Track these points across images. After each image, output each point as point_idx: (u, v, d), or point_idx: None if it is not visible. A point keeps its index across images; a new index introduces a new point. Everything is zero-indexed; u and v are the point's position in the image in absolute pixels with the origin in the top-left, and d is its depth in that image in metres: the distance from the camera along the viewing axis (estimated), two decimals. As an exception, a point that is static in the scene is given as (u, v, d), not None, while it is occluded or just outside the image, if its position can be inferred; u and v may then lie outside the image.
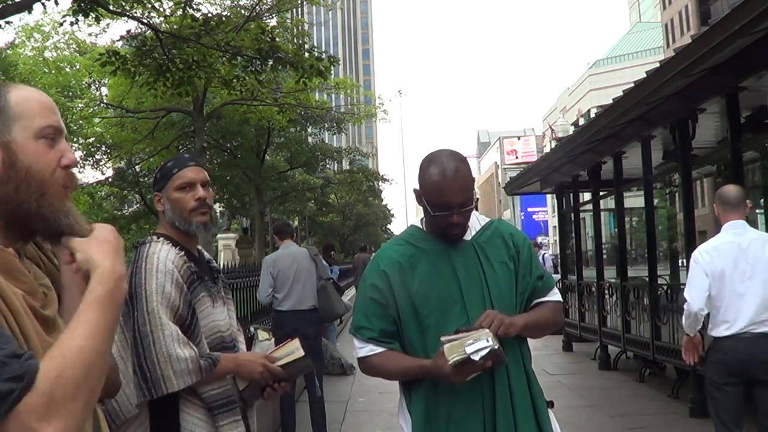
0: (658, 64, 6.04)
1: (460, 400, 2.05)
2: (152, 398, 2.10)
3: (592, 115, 9.33)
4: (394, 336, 2.14)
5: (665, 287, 7.77)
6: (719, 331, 3.96)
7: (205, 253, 2.48)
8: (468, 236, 2.18)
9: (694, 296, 4.06)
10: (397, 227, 63.67)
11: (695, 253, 4.13)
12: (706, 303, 4.00)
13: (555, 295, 2.25)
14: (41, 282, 1.18)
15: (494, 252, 2.18)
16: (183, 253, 2.24)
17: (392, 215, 61.37)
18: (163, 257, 2.18)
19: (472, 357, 1.90)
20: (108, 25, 19.39)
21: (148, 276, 2.14)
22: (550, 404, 2.21)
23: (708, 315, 4.03)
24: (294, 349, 2.35)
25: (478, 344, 1.91)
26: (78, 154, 25.43)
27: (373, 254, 2.48)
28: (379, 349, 2.14)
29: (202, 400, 2.16)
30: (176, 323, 2.13)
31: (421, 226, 2.27)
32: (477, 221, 2.23)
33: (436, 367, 1.97)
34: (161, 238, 2.26)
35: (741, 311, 3.87)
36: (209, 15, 13.46)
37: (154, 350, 2.07)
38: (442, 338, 1.98)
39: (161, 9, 14.16)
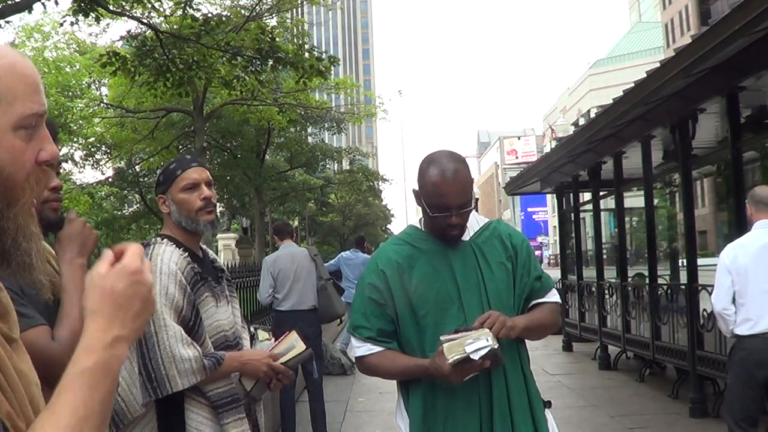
0: (658, 64, 6.04)
1: (457, 399, 2.06)
2: (157, 398, 2.13)
3: (592, 115, 9.32)
4: (392, 335, 2.15)
5: (665, 287, 7.77)
6: (743, 329, 3.91)
7: (210, 253, 2.52)
8: (466, 237, 2.19)
9: (715, 296, 4.05)
10: (397, 227, 63.64)
11: (721, 253, 4.10)
12: (730, 301, 3.96)
13: (554, 297, 2.25)
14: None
15: (492, 252, 2.18)
16: (187, 254, 2.28)
17: (392, 215, 61.30)
18: (167, 259, 2.21)
19: (471, 356, 1.90)
20: (108, 25, 19.38)
21: (152, 278, 2.15)
22: (548, 404, 2.21)
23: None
24: (294, 343, 2.41)
25: (478, 344, 1.91)
26: (78, 154, 25.46)
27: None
28: (378, 349, 2.14)
29: (207, 398, 2.20)
30: (180, 324, 2.17)
31: (419, 227, 2.27)
32: (475, 222, 2.24)
33: (434, 367, 1.97)
34: (165, 240, 2.30)
35: (765, 309, 3.83)
36: (209, 15, 13.46)
37: (159, 351, 2.11)
38: (442, 337, 1.98)
39: (161, 9, 14.14)
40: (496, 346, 1.92)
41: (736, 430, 3.99)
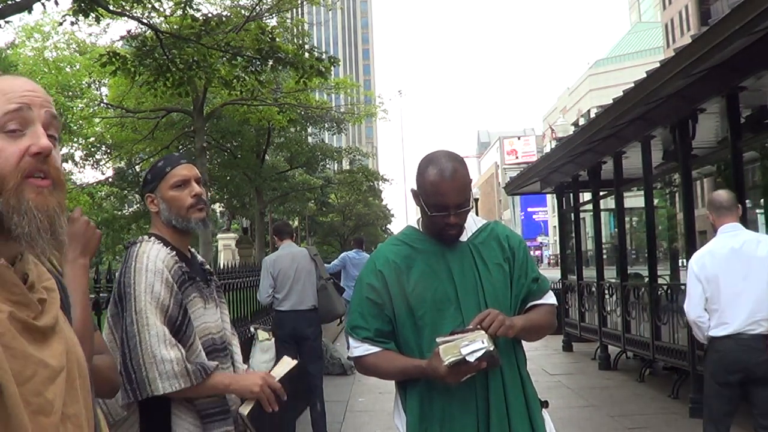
0: (658, 64, 6.04)
1: (454, 400, 2.06)
2: (137, 400, 2.05)
3: (592, 115, 9.33)
4: (390, 336, 2.15)
5: (665, 287, 7.77)
6: (716, 331, 3.97)
7: (198, 256, 2.45)
8: (464, 237, 2.19)
9: (688, 304, 4.11)
10: (396, 227, 63.67)
11: (690, 261, 4.15)
12: (703, 309, 4.02)
13: (550, 298, 2.25)
14: (44, 285, 1.11)
15: (489, 253, 2.18)
16: (174, 253, 2.20)
17: (392, 215, 61.28)
18: (153, 256, 2.14)
19: (467, 358, 1.90)
20: (108, 25, 19.40)
21: (138, 276, 2.10)
22: (545, 404, 2.22)
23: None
24: (287, 363, 2.33)
25: (474, 345, 1.91)
26: (78, 154, 25.46)
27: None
28: (375, 349, 2.14)
29: (195, 405, 2.12)
30: (167, 323, 2.08)
31: (417, 227, 2.27)
32: (473, 222, 2.24)
33: (431, 368, 1.98)
34: (152, 238, 2.23)
35: (738, 311, 3.88)
36: (209, 15, 13.45)
37: (140, 351, 2.03)
38: (438, 339, 1.98)
39: (161, 9, 14.14)
40: (491, 348, 1.92)
41: (710, 429, 4.03)
